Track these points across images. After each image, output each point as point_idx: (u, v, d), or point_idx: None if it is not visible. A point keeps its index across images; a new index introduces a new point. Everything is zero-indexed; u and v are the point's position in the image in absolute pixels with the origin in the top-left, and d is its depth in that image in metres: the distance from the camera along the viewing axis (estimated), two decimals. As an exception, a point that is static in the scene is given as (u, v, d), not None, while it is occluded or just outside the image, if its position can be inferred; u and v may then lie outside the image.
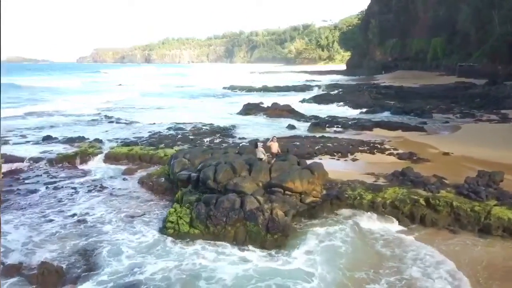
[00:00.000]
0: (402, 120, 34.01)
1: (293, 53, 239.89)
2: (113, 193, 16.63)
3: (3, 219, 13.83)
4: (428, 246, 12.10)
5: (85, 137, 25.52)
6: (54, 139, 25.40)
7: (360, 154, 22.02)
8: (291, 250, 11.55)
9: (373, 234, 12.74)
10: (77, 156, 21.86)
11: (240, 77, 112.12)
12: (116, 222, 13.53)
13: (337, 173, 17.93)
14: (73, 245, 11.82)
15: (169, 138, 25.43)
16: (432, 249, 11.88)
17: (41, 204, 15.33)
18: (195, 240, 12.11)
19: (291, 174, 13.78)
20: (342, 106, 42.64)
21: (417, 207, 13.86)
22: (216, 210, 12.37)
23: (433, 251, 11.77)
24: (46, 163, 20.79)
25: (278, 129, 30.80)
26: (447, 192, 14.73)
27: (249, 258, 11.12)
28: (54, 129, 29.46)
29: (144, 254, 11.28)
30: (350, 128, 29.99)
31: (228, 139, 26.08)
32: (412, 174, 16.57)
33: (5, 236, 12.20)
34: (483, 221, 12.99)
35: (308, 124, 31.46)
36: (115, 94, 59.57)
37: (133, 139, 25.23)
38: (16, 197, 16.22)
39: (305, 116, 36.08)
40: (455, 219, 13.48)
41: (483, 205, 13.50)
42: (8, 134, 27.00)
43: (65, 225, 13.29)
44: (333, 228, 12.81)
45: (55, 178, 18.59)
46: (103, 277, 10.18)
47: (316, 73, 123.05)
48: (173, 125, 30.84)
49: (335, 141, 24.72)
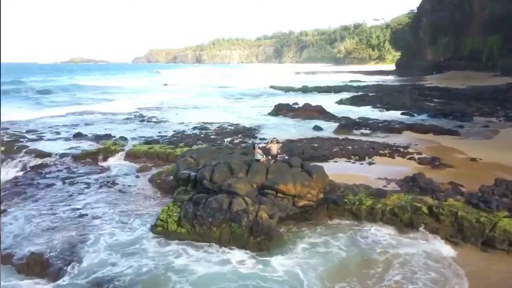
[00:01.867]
0: (439, 123, 32.28)
1: (343, 53, 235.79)
2: (122, 190, 17.17)
3: (15, 209, 14.76)
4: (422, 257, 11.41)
5: (112, 134, 26.55)
6: (84, 136, 26.66)
7: (379, 157, 21.21)
8: (273, 254, 11.32)
9: (365, 242, 12.17)
10: (100, 153, 22.82)
11: (284, 77, 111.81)
12: (113, 218, 13.94)
13: (346, 176, 17.38)
14: (66, 238, 12.33)
15: (191, 137, 25.87)
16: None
17: (52, 197, 16.15)
18: (181, 239, 12.22)
19: (283, 177, 13.53)
20: (377, 108, 41.22)
21: (418, 215, 13.11)
22: (203, 210, 12.41)
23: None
24: (71, 159, 21.89)
25: (304, 130, 30.38)
26: (456, 201, 13.80)
27: (227, 259, 11.04)
28: (88, 127, 30.94)
29: (124, 250, 11.56)
30: (379, 131, 28.94)
31: (250, 139, 26.07)
32: (423, 180, 15.72)
33: (8, 226, 12.99)
34: (487, 233, 12.04)
35: (337, 126, 30.72)
36: (162, 94, 61.21)
37: (156, 138, 25.92)
38: (33, 190, 17.20)
39: (336, 117, 35.31)
40: (458, 230, 12.61)
41: (491, 216, 12.51)
42: (45, 131, 28.71)
43: (65, 218, 13.90)
44: (323, 235, 12.43)
45: (74, 174, 19.49)
46: (80, 270, 10.54)
47: (363, 73, 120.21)
48: (199, 124, 31.34)
49: (357, 144, 23.97)
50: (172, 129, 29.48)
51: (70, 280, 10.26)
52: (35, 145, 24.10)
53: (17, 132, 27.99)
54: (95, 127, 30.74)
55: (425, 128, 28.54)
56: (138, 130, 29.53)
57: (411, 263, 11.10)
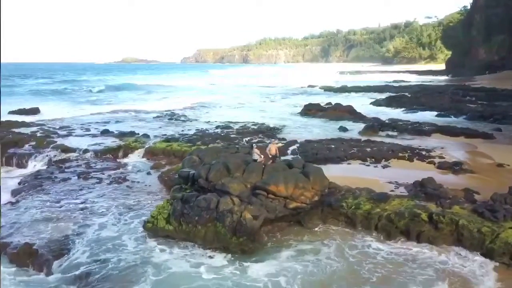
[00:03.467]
0: (475, 125, 30.41)
1: (391, 52, 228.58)
2: (129, 186, 17.65)
3: (25, 201, 15.60)
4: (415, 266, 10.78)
5: (136, 132, 27.36)
6: (110, 133, 27.67)
7: (396, 160, 20.33)
8: (252, 258, 11.11)
9: (355, 250, 11.63)
10: (120, 149, 23.60)
11: (327, 77, 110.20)
12: (112, 213, 14.37)
13: (354, 179, 16.82)
14: (61, 230, 12.86)
15: (211, 136, 26.10)
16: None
17: (63, 191, 16.89)
18: (168, 236, 12.35)
19: (275, 177, 13.27)
20: (413, 109, 39.52)
21: (416, 222, 12.39)
22: (190, 209, 12.47)
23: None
24: (92, 155, 22.81)
25: (329, 130, 29.76)
26: (462, 209, 12.94)
27: (204, 260, 11.00)
28: (117, 124, 32.07)
29: (109, 244, 11.86)
30: (406, 132, 27.75)
31: (269, 139, 25.84)
32: (431, 186, 14.88)
33: (11, 216, 13.75)
34: (487, 244, 11.18)
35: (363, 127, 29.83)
36: (205, 94, 62.01)
37: (177, 136, 26.41)
38: (49, 183, 18.08)
39: (366, 118, 34.25)
40: (457, 239, 11.80)
41: (496, 227, 11.61)
42: (76, 127, 30.13)
43: (66, 211, 14.50)
44: (311, 241, 12.08)
45: (91, 169, 20.26)
46: (64, 262, 10.94)
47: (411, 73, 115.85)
48: (223, 124, 31.56)
49: (377, 145, 23.13)
50: (195, 128, 29.90)
51: (54, 271, 10.66)
52: (64, 140, 25.33)
53: (51, 128, 29.57)
54: (123, 125, 31.82)
55: (457, 131, 26.98)
56: (163, 128, 30.22)
57: (401, 275, 10.50)
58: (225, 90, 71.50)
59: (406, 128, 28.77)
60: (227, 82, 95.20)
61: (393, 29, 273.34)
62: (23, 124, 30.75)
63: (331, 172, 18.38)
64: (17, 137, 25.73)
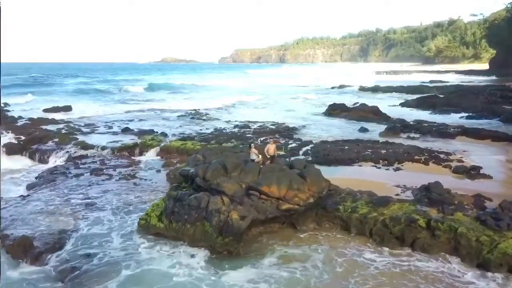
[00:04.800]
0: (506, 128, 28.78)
1: (433, 51, 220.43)
2: (136, 183, 17.99)
3: (35, 195, 16.25)
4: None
5: (155, 130, 27.87)
6: (131, 130, 28.34)
7: (410, 163, 19.60)
8: (234, 262, 10.95)
9: (339, 262, 11.20)
10: (137, 147, 24.10)
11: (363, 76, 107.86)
12: (111, 209, 14.67)
13: (361, 181, 16.39)
14: (59, 224, 13.26)
15: (226, 136, 26.17)
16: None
17: (72, 186, 17.45)
18: (159, 233, 12.47)
19: (267, 178, 13.08)
20: (443, 110, 37.92)
21: (412, 228, 11.85)
22: (181, 207, 12.52)
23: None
24: (109, 152, 23.45)
25: (349, 131, 29.12)
26: (464, 216, 12.26)
27: (184, 260, 11.00)
28: (140, 122, 32.83)
29: (99, 240, 12.11)
30: (429, 135, 26.68)
31: (284, 139, 25.64)
32: (437, 190, 14.20)
33: (16, 209, 14.35)
34: (484, 254, 10.51)
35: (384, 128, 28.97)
36: (238, 94, 62.07)
37: (194, 135, 26.68)
38: (63, 178, 18.74)
39: (390, 119, 33.21)
40: (454, 248, 11.18)
41: (497, 236, 10.91)
42: (100, 125, 31.09)
43: (71, 205, 14.95)
44: (299, 245, 11.81)
45: (104, 166, 20.81)
46: (56, 256, 11.30)
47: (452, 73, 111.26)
48: (242, 123, 31.58)
49: (393, 147, 22.40)
50: (214, 127, 30.09)
51: (44, 264, 11.02)
52: (86, 138, 26.20)
53: (77, 125, 30.67)
54: (146, 123, 32.49)
55: (484, 134, 25.66)
56: (183, 127, 30.60)
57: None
58: (256, 89, 71.49)
59: (430, 130, 27.65)
60: (260, 81, 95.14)
61: (435, 27, 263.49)
62: (52, 121, 32.07)
63: (339, 174, 18.05)
64: (42, 133, 26.87)
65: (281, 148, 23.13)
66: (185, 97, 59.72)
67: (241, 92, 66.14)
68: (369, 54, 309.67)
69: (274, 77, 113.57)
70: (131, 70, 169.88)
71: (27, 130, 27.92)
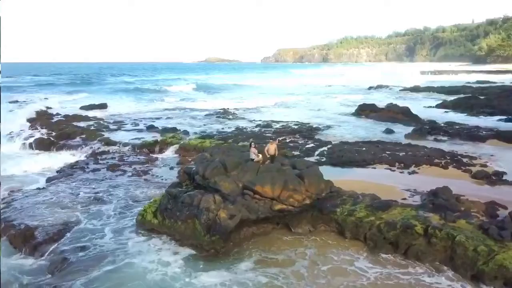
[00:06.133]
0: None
1: (484, 50, 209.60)
2: (147, 179, 18.39)
3: (51, 188, 17.00)
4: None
5: (177, 128, 28.36)
6: (155, 128, 29.04)
7: (428, 167, 18.74)
8: (213, 262, 10.87)
9: (330, 265, 10.80)
10: (157, 144, 24.63)
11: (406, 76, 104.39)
12: (116, 204, 15.08)
13: (369, 184, 15.88)
14: (63, 216, 13.76)
15: (245, 134, 26.18)
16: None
17: (88, 180, 18.11)
18: (152, 229, 12.66)
19: (262, 178, 12.91)
20: (479, 112, 35.92)
21: (408, 234, 11.28)
22: (174, 204, 12.64)
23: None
24: (130, 148, 24.12)
25: (374, 132, 28.26)
26: (468, 223, 11.53)
27: (165, 257, 11.08)
28: (166, 120, 33.59)
29: (94, 234, 12.48)
30: (458, 137, 25.35)
31: (303, 139, 25.28)
32: (445, 196, 13.46)
33: (30, 200, 15.07)
34: (479, 265, 9.82)
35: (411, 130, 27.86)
36: (269, 94, 62.02)
37: (215, 133, 26.88)
38: (80, 172, 19.50)
39: (420, 120, 31.93)
40: (450, 257, 10.54)
41: (496, 246, 10.17)
42: (127, 122, 32.08)
43: (79, 199, 15.50)
44: (282, 249, 11.53)
45: (122, 162, 21.42)
46: (51, 247, 11.73)
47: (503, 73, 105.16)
48: (265, 122, 31.48)
49: (415, 150, 21.52)
50: (236, 126, 30.17)
51: (40, 255, 11.49)
52: (111, 134, 27.16)
53: (106, 122, 31.82)
54: (172, 121, 33.22)
55: (517, 137, 24.04)
56: (207, 126, 30.98)
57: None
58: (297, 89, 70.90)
59: (460, 132, 26.30)
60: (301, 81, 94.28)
61: (488, 25, 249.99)
62: (85, 118, 33.52)
63: (348, 176, 17.57)
64: (72, 129, 28.11)
65: (298, 148, 22.88)
66: (221, 96, 60.59)
67: (280, 92, 65.88)
68: (416, 53, 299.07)
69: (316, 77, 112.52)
70: (175, 70, 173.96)
71: (59, 126, 29.32)
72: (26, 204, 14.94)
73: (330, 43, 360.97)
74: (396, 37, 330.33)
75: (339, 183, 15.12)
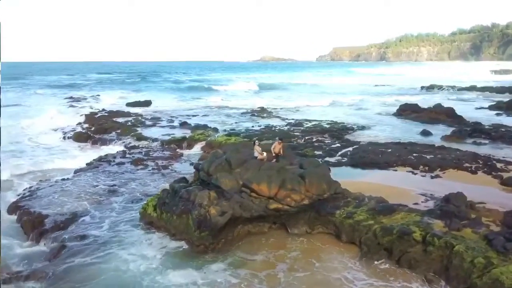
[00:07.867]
0: None
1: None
2: (165, 173, 18.82)
3: (75, 179, 17.92)
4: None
5: (208, 125, 28.76)
6: (188, 125, 29.66)
7: (454, 171, 17.56)
8: (194, 260, 10.89)
9: (309, 272, 10.35)
10: (184, 141, 25.15)
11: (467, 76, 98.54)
12: (128, 196, 15.59)
13: (383, 187, 15.24)
14: (75, 206, 14.47)
15: (272, 133, 25.98)
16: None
17: (110, 173, 18.84)
18: (151, 222, 12.94)
19: (259, 176, 12.72)
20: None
21: (404, 241, 10.61)
22: (171, 199, 12.82)
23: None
24: (158, 144, 24.83)
25: (409, 133, 26.93)
26: (474, 233, 10.65)
27: (151, 251, 11.26)
28: (201, 117, 34.18)
29: (94, 224, 12.99)
30: (500, 141, 23.52)
31: (331, 139, 24.65)
32: (456, 202, 12.52)
33: (50, 189, 15.99)
34: (473, 278, 9.02)
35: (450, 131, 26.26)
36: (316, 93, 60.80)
37: (243, 131, 26.97)
38: (105, 166, 20.28)
39: (464, 122, 30.00)
40: (445, 267, 9.78)
41: (498, 259, 9.30)
42: (163, 119, 33.04)
43: (95, 190, 16.20)
44: (268, 251, 11.31)
45: (147, 156, 22.02)
46: (54, 235, 12.37)
47: None
48: (296, 121, 31.07)
49: (444, 153, 20.23)
50: (266, 124, 30.05)
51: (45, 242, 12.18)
52: (145, 130, 28.15)
53: (143, 119, 32.99)
54: (207, 118, 33.81)
55: None
56: (239, 123, 31.12)
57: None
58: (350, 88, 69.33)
59: (503, 135, 24.35)
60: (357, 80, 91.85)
61: None
62: (125, 114, 34.97)
63: (365, 177, 16.98)
64: (110, 125, 29.47)
65: (322, 147, 22.35)
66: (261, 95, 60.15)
67: (334, 91, 64.68)
68: (482, 51, 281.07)
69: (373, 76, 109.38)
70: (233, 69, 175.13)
71: (99, 122, 30.85)
72: (47, 193, 15.87)
73: (388, 41, 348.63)
74: (460, 34, 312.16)
75: (351, 184, 14.61)
